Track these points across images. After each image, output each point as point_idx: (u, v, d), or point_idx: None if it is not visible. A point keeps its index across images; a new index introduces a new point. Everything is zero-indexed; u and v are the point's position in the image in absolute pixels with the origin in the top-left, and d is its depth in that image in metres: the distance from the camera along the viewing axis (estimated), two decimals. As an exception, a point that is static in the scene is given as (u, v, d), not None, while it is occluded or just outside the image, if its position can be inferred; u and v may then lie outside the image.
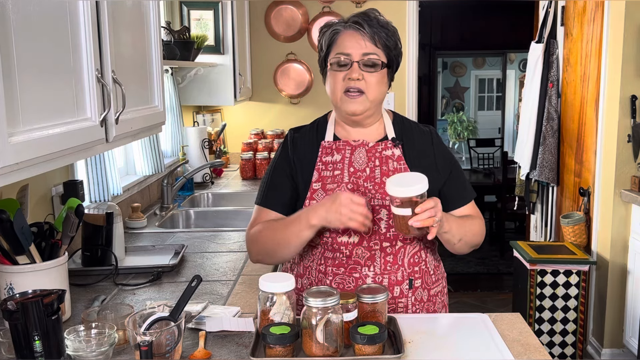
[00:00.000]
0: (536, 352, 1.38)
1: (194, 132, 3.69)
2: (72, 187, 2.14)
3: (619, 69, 3.35)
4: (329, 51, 1.61)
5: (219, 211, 3.04)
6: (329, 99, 1.64)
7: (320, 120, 1.73)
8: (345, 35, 1.58)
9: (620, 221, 3.45)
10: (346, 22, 1.59)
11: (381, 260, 1.59)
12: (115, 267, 1.97)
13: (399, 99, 4.43)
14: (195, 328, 1.50)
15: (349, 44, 1.57)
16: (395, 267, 1.61)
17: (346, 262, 1.60)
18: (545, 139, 4.12)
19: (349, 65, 1.56)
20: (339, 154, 1.64)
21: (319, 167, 1.63)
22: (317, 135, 1.69)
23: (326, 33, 1.61)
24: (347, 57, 1.56)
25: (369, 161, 1.62)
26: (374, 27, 1.57)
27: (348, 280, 1.60)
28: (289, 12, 4.40)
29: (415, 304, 1.64)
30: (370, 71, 1.57)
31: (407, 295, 1.62)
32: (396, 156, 1.63)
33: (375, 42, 1.57)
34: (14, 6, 1.12)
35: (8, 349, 1.32)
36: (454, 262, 5.70)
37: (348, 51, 1.56)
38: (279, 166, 1.68)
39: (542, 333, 3.45)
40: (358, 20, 1.57)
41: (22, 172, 1.16)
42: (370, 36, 1.56)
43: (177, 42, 3.25)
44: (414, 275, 1.63)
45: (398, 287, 1.61)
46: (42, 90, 1.23)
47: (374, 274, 1.59)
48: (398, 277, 1.61)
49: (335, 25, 1.61)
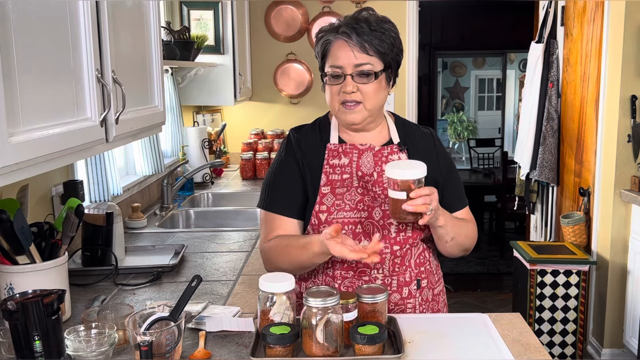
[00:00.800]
0: (536, 352, 1.38)
1: (194, 132, 3.69)
2: (72, 187, 2.14)
3: (619, 69, 3.35)
4: (323, 62, 1.58)
5: (219, 211, 3.04)
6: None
7: (322, 121, 1.70)
8: (335, 46, 1.53)
9: (620, 221, 3.45)
10: (337, 31, 1.53)
11: (390, 262, 1.59)
12: (115, 267, 1.97)
13: (399, 99, 4.43)
14: (195, 328, 1.50)
15: (340, 56, 1.52)
16: (403, 269, 1.60)
17: (355, 266, 1.59)
18: (545, 139, 4.12)
19: (342, 78, 1.53)
20: (347, 157, 1.60)
21: (326, 170, 1.60)
22: (321, 136, 1.65)
23: (319, 43, 1.57)
24: (339, 70, 1.52)
25: (375, 165, 1.59)
26: (363, 35, 1.51)
27: (357, 283, 1.59)
28: (289, 12, 4.40)
29: (422, 303, 1.64)
30: (365, 82, 1.52)
31: (415, 296, 1.62)
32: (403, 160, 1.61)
33: (367, 50, 1.51)
34: (14, 6, 1.12)
35: (8, 349, 1.33)
36: (454, 262, 5.70)
37: (340, 63, 1.52)
38: (287, 167, 1.63)
39: (542, 333, 3.45)
40: (345, 31, 1.51)
41: (22, 172, 1.16)
42: (359, 46, 1.51)
43: (177, 42, 3.25)
44: (420, 275, 1.63)
45: (407, 288, 1.61)
46: (42, 90, 1.23)
47: (383, 276, 1.59)
48: (406, 278, 1.61)
49: (327, 34, 1.55)
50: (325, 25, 1.61)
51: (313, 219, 1.59)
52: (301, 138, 1.65)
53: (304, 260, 1.52)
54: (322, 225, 1.58)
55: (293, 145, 1.64)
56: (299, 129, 1.70)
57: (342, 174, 1.59)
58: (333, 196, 1.58)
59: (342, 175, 1.59)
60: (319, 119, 1.72)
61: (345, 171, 1.59)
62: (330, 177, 1.59)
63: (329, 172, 1.60)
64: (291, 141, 1.66)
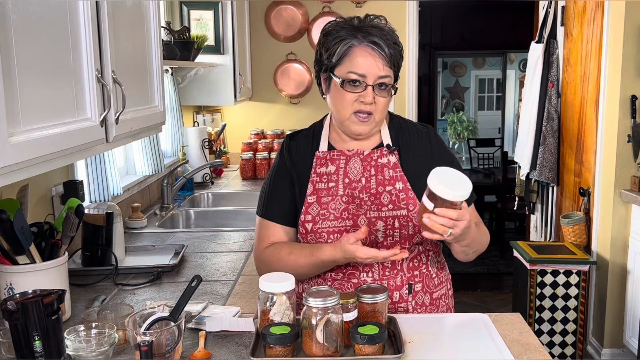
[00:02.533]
0: (536, 352, 1.38)
1: (194, 132, 3.69)
2: (72, 187, 2.14)
3: (619, 69, 3.35)
4: (338, 63, 1.50)
5: (219, 211, 3.04)
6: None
7: (317, 126, 1.68)
8: (359, 52, 1.48)
9: (620, 221, 3.45)
10: (361, 37, 1.47)
11: (379, 265, 1.58)
12: (115, 267, 1.97)
13: (399, 99, 4.43)
14: (195, 328, 1.50)
15: (364, 64, 1.47)
16: (394, 272, 1.59)
17: (344, 268, 1.59)
18: (545, 139, 4.12)
19: (362, 87, 1.48)
20: (334, 165, 1.59)
21: (313, 179, 1.59)
22: (312, 144, 1.64)
23: (340, 43, 1.49)
24: (361, 78, 1.48)
25: (364, 171, 1.58)
26: (391, 48, 1.48)
27: (347, 285, 1.59)
28: (289, 12, 4.40)
29: (417, 308, 1.62)
30: (384, 95, 1.51)
31: (407, 300, 1.60)
32: (392, 163, 1.58)
33: (391, 64, 1.49)
34: (14, 6, 1.12)
35: (8, 349, 1.32)
36: (454, 262, 5.62)
37: (363, 72, 1.47)
38: (280, 174, 1.64)
39: (542, 333, 3.45)
40: (376, 41, 1.47)
41: (22, 172, 1.16)
42: (388, 59, 1.48)
43: (177, 42, 3.25)
44: (413, 279, 1.61)
45: (397, 292, 1.59)
46: (42, 90, 1.23)
47: (372, 280, 1.58)
48: (397, 282, 1.59)
49: (349, 36, 1.48)
50: (336, 21, 1.55)
51: (300, 227, 1.60)
52: (293, 146, 1.65)
53: (304, 267, 1.53)
54: (308, 235, 1.58)
55: (285, 153, 1.65)
56: (294, 135, 1.68)
57: (328, 182, 1.59)
58: (318, 205, 1.58)
59: (328, 183, 1.58)
60: (314, 124, 1.70)
61: (331, 179, 1.58)
62: (316, 186, 1.59)
63: (315, 181, 1.59)
64: (283, 149, 1.66)
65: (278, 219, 1.62)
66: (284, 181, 1.63)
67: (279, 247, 1.58)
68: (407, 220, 1.56)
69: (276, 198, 1.63)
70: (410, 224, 1.57)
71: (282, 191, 1.62)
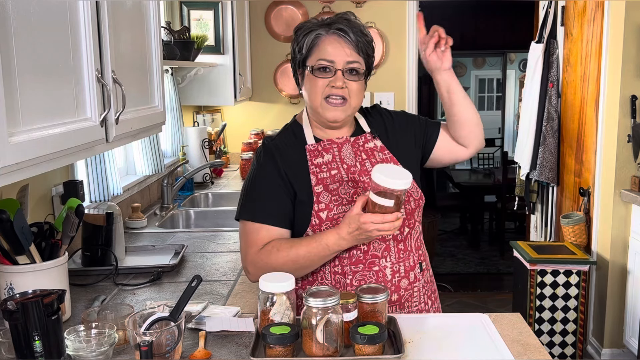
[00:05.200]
0: (536, 352, 1.38)
1: (194, 132, 3.69)
2: (72, 187, 2.14)
3: (619, 69, 3.35)
4: (308, 55, 1.58)
5: (219, 211, 3.04)
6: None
7: (293, 125, 1.68)
8: (327, 41, 1.56)
9: (620, 221, 3.45)
10: (328, 27, 1.56)
11: (394, 249, 1.60)
12: (115, 267, 1.97)
13: (399, 99, 4.43)
14: (195, 328, 1.50)
15: (332, 51, 1.55)
16: (407, 254, 1.62)
17: (364, 258, 1.58)
18: (545, 139, 4.12)
19: (332, 73, 1.55)
20: (329, 154, 1.61)
21: (313, 170, 1.59)
22: (297, 140, 1.64)
23: (307, 36, 1.58)
24: (330, 64, 1.55)
25: (356, 156, 1.63)
26: (357, 35, 1.56)
27: (369, 275, 1.58)
28: (289, 12, 4.41)
29: (425, 285, 1.67)
30: (355, 79, 1.56)
31: (419, 279, 1.65)
32: (379, 147, 1.66)
33: (358, 50, 1.56)
34: (14, 6, 1.12)
35: (8, 349, 1.32)
36: (454, 262, 5.70)
37: (332, 58, 1.54)
38: (267, 175, 1.59)
39: (542, 333, 3.45)
40: (342, 27, 1.55)
41: (22, 172, 1.16)
42: (355, 44, 1.55)
43: (177, 42, 3.25)
44: (421, 258, 1.66)
45: (412, 272, 1.63)
46: (42, 90, 1.23)
47: (391, 264, 1.59)
48: (411, 262, 1.62)
49: (318, 28, 1.57)
50: (305, 22, 1.63)
51: (313, 219, 1.57)
52: (278, 144, 1.63)
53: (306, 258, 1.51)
54: (323, 224, 1.56)
55: (271, 152, 1.61)
56: (273, 137, 1.67)
57: (329, 170, 1.60)
58: (328, 193, 1.58)
59: (330, 171, 1.60)
60: (287, 124, 1.71)
61: (332, 167, 1.60)
62: (319, 176, 1.59)
63: (316, 172, 1.60)
64: (269, 149, 1.62)
65: (271, 220, 1.57)
66: (271, 181, 1.58)
67: (277, 244, 1.55)
68: (408, 196, 1.61)
69: (265, 199, 1.58)
70: (412, 199, 1.63)
71: (270, 191, 1.58)
